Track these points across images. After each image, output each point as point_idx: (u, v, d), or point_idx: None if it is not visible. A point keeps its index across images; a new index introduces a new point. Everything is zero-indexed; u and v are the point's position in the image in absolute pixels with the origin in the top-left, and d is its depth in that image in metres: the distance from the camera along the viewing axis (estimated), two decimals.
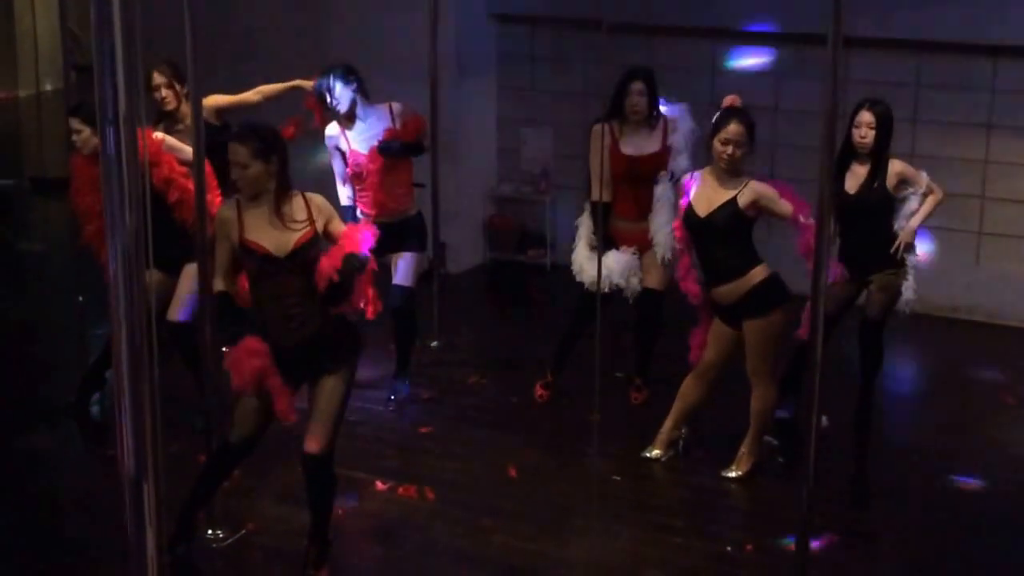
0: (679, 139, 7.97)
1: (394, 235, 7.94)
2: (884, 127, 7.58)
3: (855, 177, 7.65)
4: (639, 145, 7.94)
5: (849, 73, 9.20)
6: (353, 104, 7.95)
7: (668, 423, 7.53)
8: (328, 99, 7.92)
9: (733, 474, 7.32)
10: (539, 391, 8.35)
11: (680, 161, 7.87)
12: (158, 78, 7.94)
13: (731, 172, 7.01)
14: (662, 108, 7.99)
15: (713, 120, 7.08)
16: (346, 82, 7.91)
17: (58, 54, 11.58)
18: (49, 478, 7.43)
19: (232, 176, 5.88)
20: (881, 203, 7.65)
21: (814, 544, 6.26)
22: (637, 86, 7.91)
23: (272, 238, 5.87)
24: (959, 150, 9.55)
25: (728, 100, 7.21)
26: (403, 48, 8.26)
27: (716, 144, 6.98)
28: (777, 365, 7.30)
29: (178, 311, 7.57)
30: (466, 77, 10.65)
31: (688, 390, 7.45)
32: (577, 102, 10.35)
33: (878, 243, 7.68)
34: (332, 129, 8.05)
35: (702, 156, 7.52)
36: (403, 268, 8.17)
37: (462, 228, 10.83)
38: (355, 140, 8.01)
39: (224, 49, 8.54)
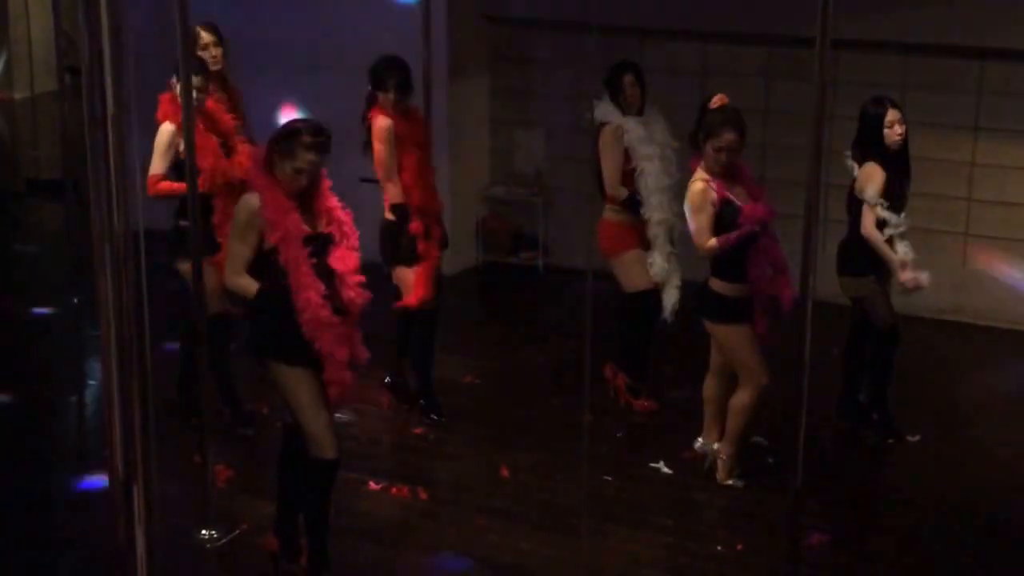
0: None
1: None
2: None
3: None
4: None
5: (837, 75, 9.24)
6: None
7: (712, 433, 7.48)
8: (404, 89, 7.74)
9: (730, 481, 7.36)
10: (641, 403, 8.30)
11: None
12: (207, 36, 7.90)
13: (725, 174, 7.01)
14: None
15: (705, 120, 7.03)
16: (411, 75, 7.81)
17: (53, 57, 11.59)
18: (44, 478, 7.45)
19: (300, 166, 5.75)
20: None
21: (805, 544, 6.33)
22: (629, 78, 8.02)
23: (309, 219, 5.88)
24: (946, 152, 9.59)
25: (716, 100, 7.10)
26: (396, 49, 8.26)
27: (710, 150, 6.90)
28: None
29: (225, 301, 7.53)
30: (459, 78, 10.68)
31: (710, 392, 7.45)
32: (570, 104, 10.38)
33: None
34: (386, 122, 7.80)
35: None
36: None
37: (455, 230, 10.84)
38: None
39: None
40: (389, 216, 7.91)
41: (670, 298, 8.04)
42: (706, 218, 6.88)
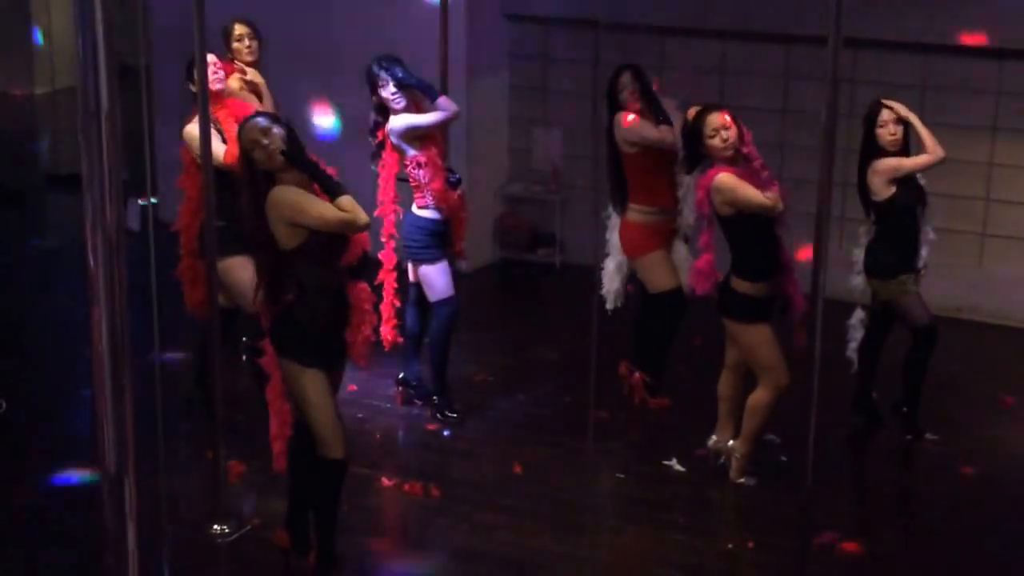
0: None
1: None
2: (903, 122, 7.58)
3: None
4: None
5: (856, 75, 9.22)
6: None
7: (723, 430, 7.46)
8: (399, 88, 7.67)
9: (742, 480, 7.32)
10: (655, 400, 8.22)
11: None
12: (241, 28, 7.84)
13: (735, 159, 6.94)
14: None
15: (686, 128, 7.10)
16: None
17: (73, 52, 11.67)
18: (46, 475, 7.46)
19: (265, 143, 5.71)
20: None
21: (816, 541, 6.32)
22: (625, 79, 8.13)
23: None
24: (964, 152, 9.53)
25: (692, 112, 7.13)
26: (415, 46, 8.28)
27: (713, 142, 6.85)
28: None
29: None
30: (478, 76, 10.67)
31: (725, 387, 7.43)
32: (588, 103, 10.36)
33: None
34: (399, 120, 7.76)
35: None
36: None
37: (472, 227, 10.81)
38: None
39: None
40: (422, 213, 7.90)
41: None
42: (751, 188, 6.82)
